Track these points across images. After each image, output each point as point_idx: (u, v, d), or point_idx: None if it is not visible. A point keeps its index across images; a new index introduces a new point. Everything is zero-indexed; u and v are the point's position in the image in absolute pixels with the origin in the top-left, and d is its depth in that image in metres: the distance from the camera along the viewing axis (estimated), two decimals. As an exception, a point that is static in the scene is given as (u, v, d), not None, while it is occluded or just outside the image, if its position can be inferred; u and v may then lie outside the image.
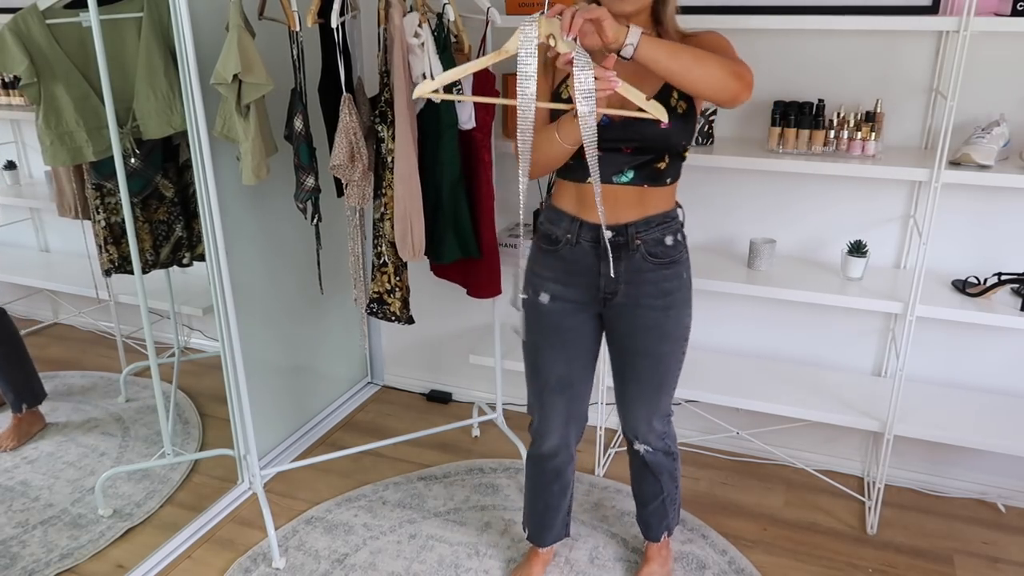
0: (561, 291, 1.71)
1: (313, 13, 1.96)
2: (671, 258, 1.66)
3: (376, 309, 2.29)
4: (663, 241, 1.64)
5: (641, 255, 1.64)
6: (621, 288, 1.67)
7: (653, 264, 1.64)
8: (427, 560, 2.18)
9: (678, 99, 1.53)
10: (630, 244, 1.62)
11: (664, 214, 1.64)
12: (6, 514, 2.24)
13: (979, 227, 2.22)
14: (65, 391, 2.70)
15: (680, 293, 1.70)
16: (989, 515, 2.38)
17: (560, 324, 1.74)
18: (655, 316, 1.68)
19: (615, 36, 1.31)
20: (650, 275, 1.65)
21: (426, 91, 1.43)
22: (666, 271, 1.66)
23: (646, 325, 1.69)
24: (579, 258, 1.67)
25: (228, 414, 2.32)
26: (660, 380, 1.77)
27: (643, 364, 1.75)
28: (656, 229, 1.63)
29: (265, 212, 2.42)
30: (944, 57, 2.10)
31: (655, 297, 1.67)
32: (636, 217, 1.61)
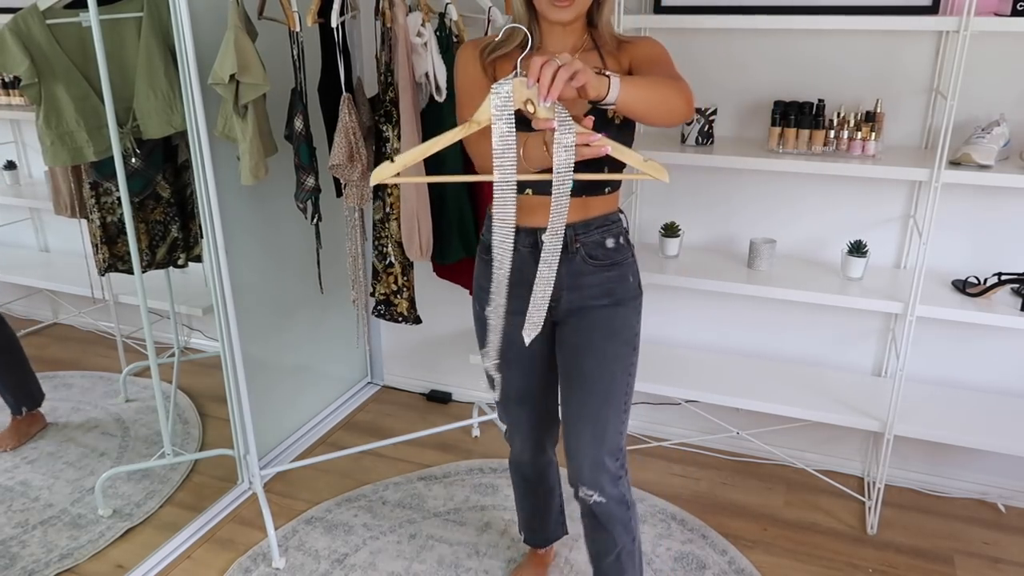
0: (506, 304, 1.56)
1: (313, 13, 1.96)
2: (612, 260, 1.60)
3: (384, 311, 2.29)
4: (603, 244, 1.59)
5: (581, 257, 1.58)
6: (563, 294, 1.60)
7: (594, 266, 1.59)
8: (427, 560, 2.18)
9: (615, 111, 1.47)
10: (570, 247, 1.57)
11: (604, 216, 1.59)
12: (6, 514, 2.24)
13: (979, 227, 2.23)
14: (65, 391, 2.70)
15: (626, 294, 1.63)
16: (989, 515, 2.38)
17: (511, 338, 1.63)
18: (600, 313, 1.61)
19: (598, 92, 1.23)
20: (592, 278, 1.60)
21: (385, 175, 1.27)
22: (608, 273, 1.60)
23: (591, 324, 1.62)
24: (519, 266, 1.55)
25: (228, 414, 2.32)
26: (608, 388, 1.62)
27: (591, 367, 1.62)
28: (596, 232, 1.58)
29: (265, 212, 2.42)
30: (944, 57, 2.10)
31: (599, 297, 1.61)
32: (575, 219, 1.55)
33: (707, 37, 2.31)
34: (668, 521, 2.33)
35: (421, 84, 2.04)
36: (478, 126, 1.24)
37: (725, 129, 2.38)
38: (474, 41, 1.58)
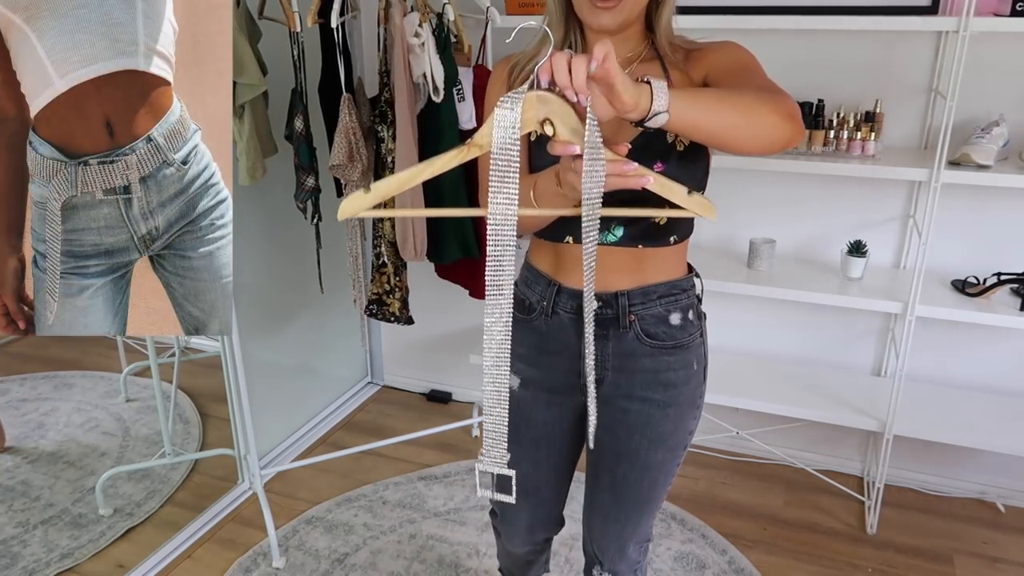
0: (533, 374, 1.34)
1: (313, 13, 1.97)
2: (677, 342, 1.28)
3: (375, 310, 2.30)
4: (667, 319, 1.27)
5: (635, 334, 1.26)
6: (608, 375, 1.29)
7: (650, 347, 1.27)
8: (427, 560, 2.18)
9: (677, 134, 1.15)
10: (621, 320, 1.25)
11: (670, 284, 1.26)
12: (7, 514, 2.24)
13: (978, 227, 2.23)
14: (66, 391, 2.70)
15: (687, 388, 1.30)
16: (989, 515, 2.38)
17: (529, 417, 1.37)
18: (649, 413, 1.29)
19: (634, 101, 0.88)
20: (646, 361, 1.27)
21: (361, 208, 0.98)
22: (669, 358, 1.28)
23: (636, 424, 1.30)
24: (555, 332, 1.30)
25: (228, 414, 2.33)
26: (644, 497, 1.36)
27: (625, 473, 1.34)
28: (657, 303, 1.26)
29: (265, 212, 2.42)
30: (944, 57, 2.10)
31: (651, 389, 1.28)
32: (631, 286, 1.24)
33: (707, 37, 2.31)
34: (668, 521, 2.33)
35: (419, 85, 2.04)
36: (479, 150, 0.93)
37: (725, 129, 2.38)
38: (508, 57, 1.30)
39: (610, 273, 1.23)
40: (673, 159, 1.17)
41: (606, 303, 1.24)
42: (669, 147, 1.17)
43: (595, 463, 1.38)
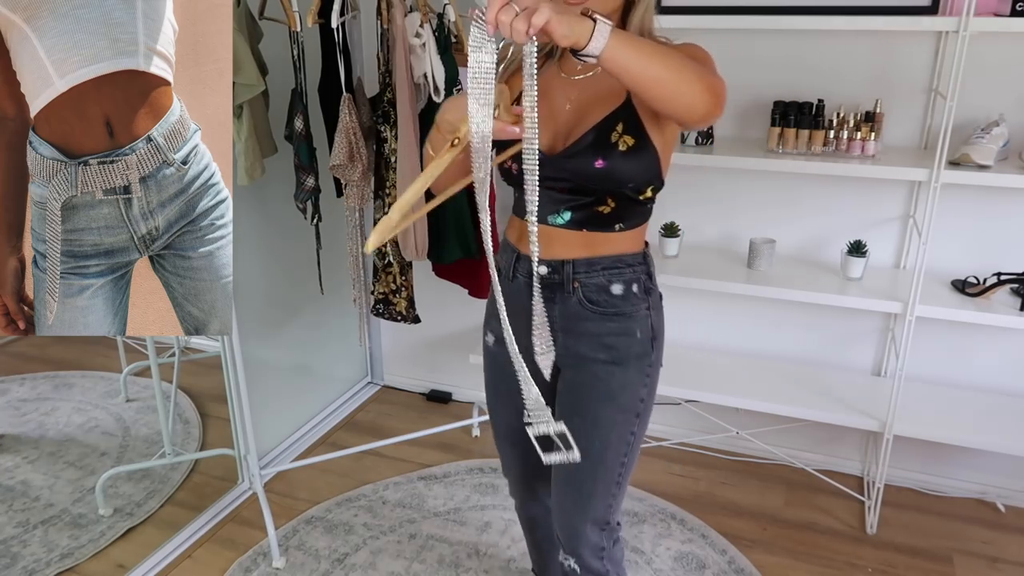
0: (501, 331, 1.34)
1: (313, 13, 1.97)
2: (618, 309, 1.35)
3: (382, 310, 2.30)
4: (608, 288, 1.34)
5: (578, 299, 1.35)
6: (559, 337, 1.38)
7: (591, 312, 1.35)
8: (427, 560, 2.18)
9: (622, 133, 1.24)
10: (566, 285, 1.34)
11: (616, 257, 1.34)
12: (7, 514, 2.24)
13: (979, 227, 2.23)
14: (66, 391, 2.70)
15: (630, 351, 1.37)
16: (989, 515, 2.38)
17: (501, 369, 1.47)
18: (595, 371, 1.37)
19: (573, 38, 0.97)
20: (589, 325, 1.36)
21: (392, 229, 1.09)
22: (610, 324, 1.36)
23: (585, 381, 1.39)
24: (515, 295, 1.39)
25: (228, 414, 2.33)
26: (597, 458, 1.39)
27: (577, 428, 1.33)
28: (601, 273, 1.33)
29: (265, 212, 2.42)
30: (944, 57, 2.10)
31: (596, 350, 1.37)
32: (578, 255, 1.33)
33: (707, 37, 2.29)
34: (668, 521, 2.34)
35: (420, 85, 2.04)
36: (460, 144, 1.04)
37: (725, 129, 2.38)
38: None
39: (560, 246, 1.34)
40: (615, 156, 1.24)
41: (554, 269, 1.35)
42: (612, 146, 1.24)
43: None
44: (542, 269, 1.33)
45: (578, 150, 1.25)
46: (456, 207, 2.17)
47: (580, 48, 0.99)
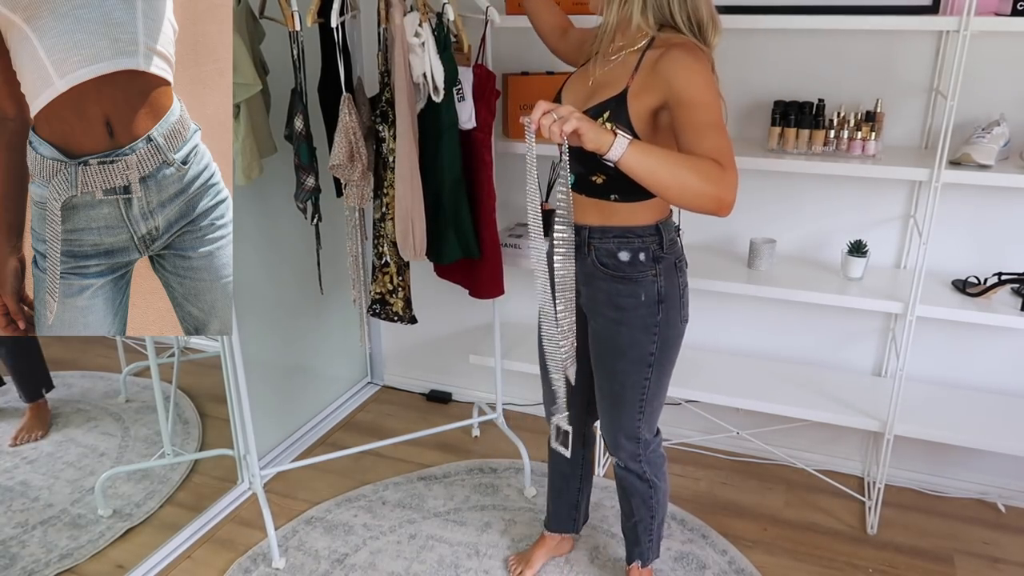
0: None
1: (313, 13, 1.96)
2: (625, 274, 1.59)
3: (379, 310, 2.29)
4: (616, 255, 1.59)
5: (592, 261, 1.61)
6: (583, 290, 1.66)
7: (603, 273, 1.61)
8: (427, 560, 2.18)
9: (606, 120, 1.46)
10: (583, 247, 1.61)
11: (626, 228, 1.58)
12: (6, 514, 2.24)
13: (979, 227, 2.23)
14: (65, 391, 2.70)
15: (635, 313, 1.61)
16: (989, 515, 2.38)
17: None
18: (607, 327, 1.64)
19: (595, 147, 1.27)
20: (602, 284, 1.62)
21: None
22: (619, 286, 1.60)
23: (600, 334, 1.67)
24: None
25: (228, 414, 2.32)
26: (616, 398, 1.71)
27: (600, 375, 1.72)
28: (612, 240, 1.58)
29: (265, 212, 2.42)
30: (944, 57, 2.10)
31: (608, 308, 1.63)
32: (595, 223, 1.59)
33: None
34: (668, 521, 2.33)
35: (419, 84, 2.04)
36: None
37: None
38: None
39: (581, 212, 1.59)
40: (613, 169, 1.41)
41: (577, 231, 1.59)
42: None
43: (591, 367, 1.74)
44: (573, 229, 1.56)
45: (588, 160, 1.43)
46: (455, 207, 2.16)
47: (602, 154, 1.27)
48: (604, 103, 1.46)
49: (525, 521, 2.33)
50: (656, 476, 1.83)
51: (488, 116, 2.16)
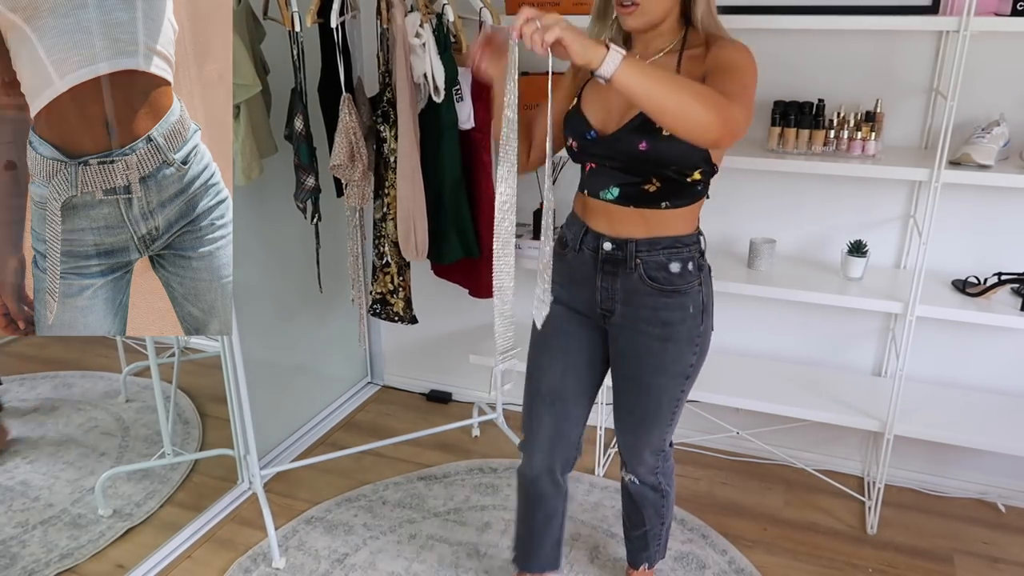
0: (565, 296, 1.62)
1: (313, 13, 1.96)
2: (675, 287, 1.51)
3: (379, 310, 2.29)
4: (667, 267, 1.49)
5: (639, 276, 1.50)
6: (618, 308, 1.55)
7: (651, 288, 1.51)
8: (427, 560, 2.18)
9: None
10: (628, 262, 1.50)
11: (675, 238, 1.49)
12: (6, 514, 2.24)
13: (979, 227, 2.23)
14: (65, 391, 2.70)
15: (683, 327, 1.53)
16: (989, 515, 2.38)
17: (559, 327, 1.63)
18: (651, 345, 1.55)
19: (584, 60, 1.16)
20: (647, 299, 1.52)
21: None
22: (667, 299, 1.51)
23: (639, 351, 1.56)
24: (579, 266, 1.57)
25: (228, 414, 2.32)
26: (651, 414, 1.63)
27: (633, 392, 1.62)
28: (661, 252, 1.49)
29: (265, 212, 2.42)
30: (944, 57, 2.10)
31: (652, 324, 1.53)
32: (640, 235, 1.48)
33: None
34: (668, 521, 2.33)
35: (419, 85, 2.04)
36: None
37: (725, 129, 2.38)
38: None
39: (621, 223, 1.50)
40: (658, 140, 1.38)
41: (618, 246, 1.50)
42: (656, 131, 1.37)
43: (615, 386, 1.66)
44: (607, 245, 1.50)
45: (625, 132, 1.40)
46: (456, 207, 2.17)
47: (593, 69, 1.17)
48: None
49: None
50: (669, 484, 1.81)
51: (486, 116, 2.16)
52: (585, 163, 1.51)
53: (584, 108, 1.48)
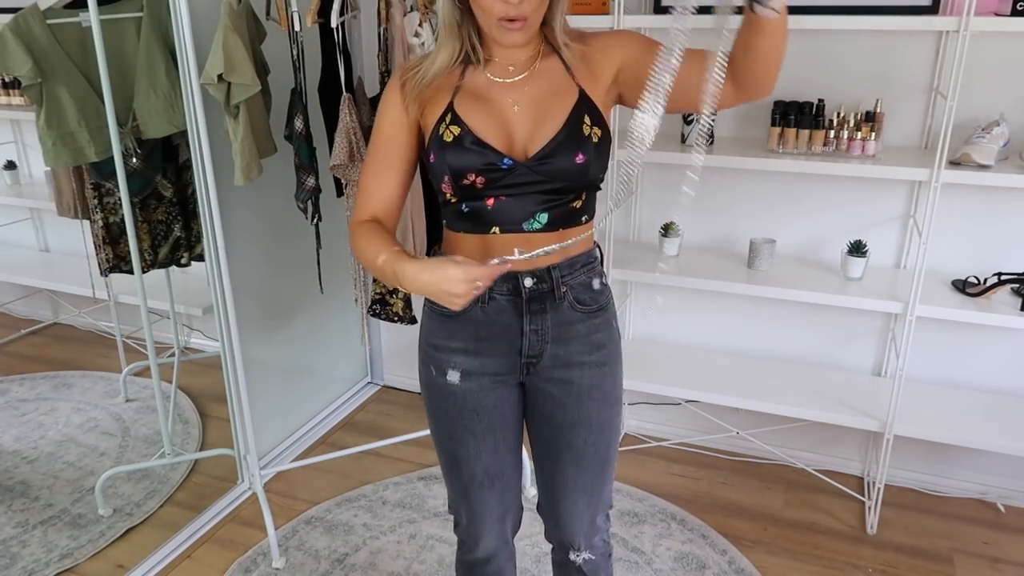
0: (474, 364, 1.37)
1: (313, 13, 1.96)
2: (599, 304, 1.37)
3: (379, 310, 2.29)
4: (590, 285, 1.35)
5: (568, 303, 1.33)
6: (547, 348, 1.34)
7: (582, 313, 1.35)
8: (427, 560, 2.18)
9: (591, 125, 1.25)
10: (556, 292, 1.31)
11: (587, 254, 1.35)
12: (6, 514, 2.24)
13: (979, 227, 2.23)
14: (65, 391, 2.70)
15: (612, 346, 1.40)
16: (989, 515, 2.38)
17: (479, 406, 1.39)
18: (591, 375, 1.37)
19: None
20: (579, 327, 1.35)
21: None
22: (595, 320, 1.36)
23: (582, 387, 1.37)
24: (494, 317, 1.33)
25: (228, 414, 2.32)
26: (605, 458, 1.43)
27: (584, 439, 1.39)
28: (581, 271, 1.34)
29: (265, 212, 2.42)
30: (944, 57, 2.10)
31: (587, 353, 1.36)
32: (558, 259, 1.30)
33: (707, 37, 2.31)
34: (668, 521, 2.33)
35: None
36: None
37: (725, 129, 2.38)
38: (401, 69, 1.33)
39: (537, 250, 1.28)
40: (591, 150, 1.24)
41: (540, 279, 1.31)
42: (586, 139, 1.24)
43: (550, 444, 1.43)
44: (527, 281, 1.30)
45: (554, 148, 1.23)
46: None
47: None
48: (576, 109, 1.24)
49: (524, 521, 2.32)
50: (609, 538, 1.59)
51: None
52: (486, 197, 1.25)
53: (479, 133, 1.24)
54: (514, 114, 1.25)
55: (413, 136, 1.32)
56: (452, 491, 1.50)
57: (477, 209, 1.27)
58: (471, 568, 1.58)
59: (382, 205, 1.33)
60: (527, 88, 1.26)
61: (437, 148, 1.25)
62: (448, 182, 1.26)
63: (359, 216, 1.33)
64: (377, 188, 1.33)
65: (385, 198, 1.32)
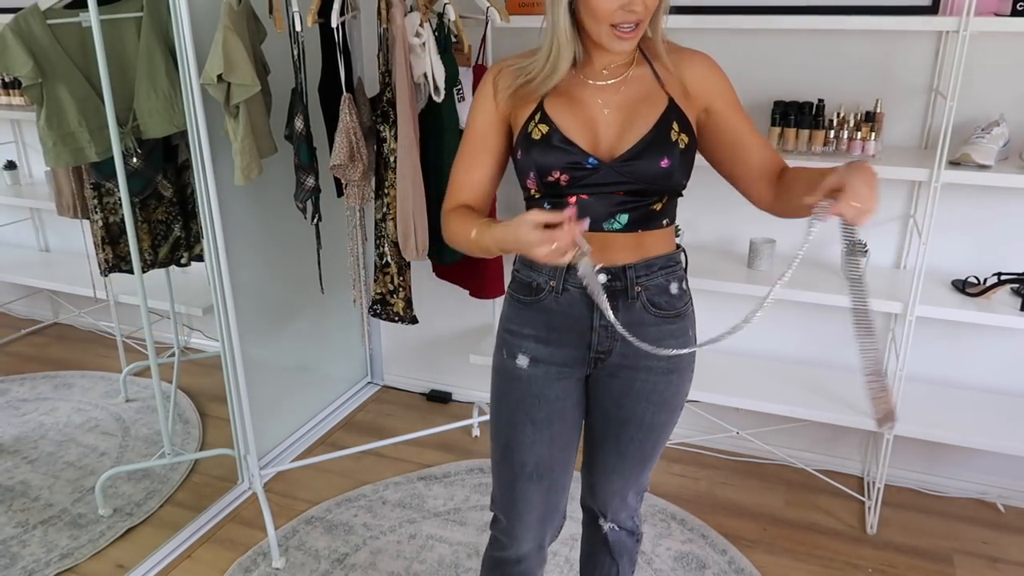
0: (543, 352, 1.39)
1: (313, 13, 1.96)
2: (676, 310, 1.37)
3: (379, 310, 2.30)
4: (667, 289, 1.36)
5: (642, 304, 1.34)
6: (617, 345, 1.36)
7: (655, 317, 1.35)
8: (427, 560, 2.18)
9: (679, 132, 1.28)
10: (629, 291, 1.33)
11: (667, 256, 1.36)
12: (6, 514, 2.24)
13: (979, 227, 2.23)
14: (65, 391, 2.70)
15: (687, 354, 1.40)
16: (989, 515, 2.38)
17: (542, 393, 1.40)
18: (654, 380, 1.39)
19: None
20: (651, 330, 1.35)
21: None
22: (670, 326, 1.37)
23: (642, 390, 1.39)
24: (566, 308, 1.35)
25: (228, 414, 2.32)
26: (648, 455, 1.47)
27: (632, 436, 1.43)
28: (659, 274, 1.34)
29: (265, 212, 2.42)
30: (944, 57, 2.10)
31: (655, 358, 1.36)
32: (634, 259, 1.33)
33: (707, 37, 2.30)
34: (668, 521, 2.33)
35: (419, 85, 2.04)
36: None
37: (725, 129, 2.38)
38: (496, 64, 1.36)
39: (615, 252, 1.32)
40: (676, 155, 1.28)
41: (615, 276, 1.32)
42: (673, 144, 1.27)
43: (600, 430, 1.47)
44: (601, 277, 1.30)
45: (640, 151, 1.26)
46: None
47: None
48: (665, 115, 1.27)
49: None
50: (640, 525, 1.65)
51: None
52: (567, 195, 1.30)
53: (566, 132, 1.28)
54: (603, 116, 1.29)
55: (503, 131, 1.36)
56: (498, 485, 1.50)
57: (559, 207, 1.28)
58: (498, 565, 1.57)
59: (471, 195, 1.38)
60: (618, 92, 1.30)
61: (525, 145, 1.30)
62: (533, 178, 1.30)
63: (449, 205, 1.39)
64: (468, 180, 1.38)
65: (474, 189, 1.38)
